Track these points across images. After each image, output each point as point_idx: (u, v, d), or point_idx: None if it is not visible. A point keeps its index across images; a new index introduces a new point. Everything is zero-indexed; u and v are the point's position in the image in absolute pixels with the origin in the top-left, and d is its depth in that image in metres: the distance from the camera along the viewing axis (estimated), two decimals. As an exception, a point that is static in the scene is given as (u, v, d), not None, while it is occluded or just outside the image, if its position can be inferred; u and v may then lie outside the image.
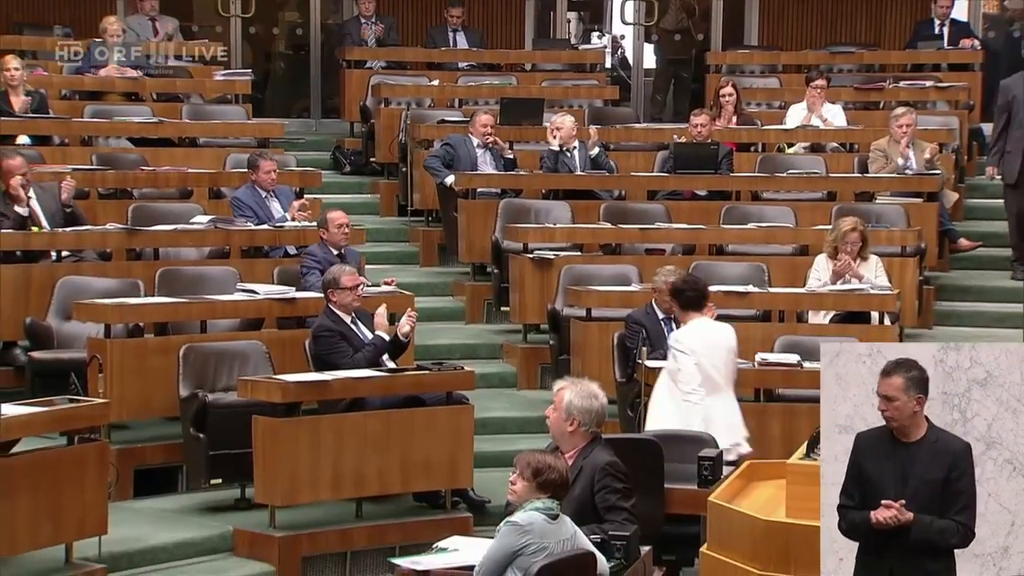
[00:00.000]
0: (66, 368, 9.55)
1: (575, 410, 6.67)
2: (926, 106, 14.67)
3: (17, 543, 7.72)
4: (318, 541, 8.79)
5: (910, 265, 11.46)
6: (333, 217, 10.57)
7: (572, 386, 6.81)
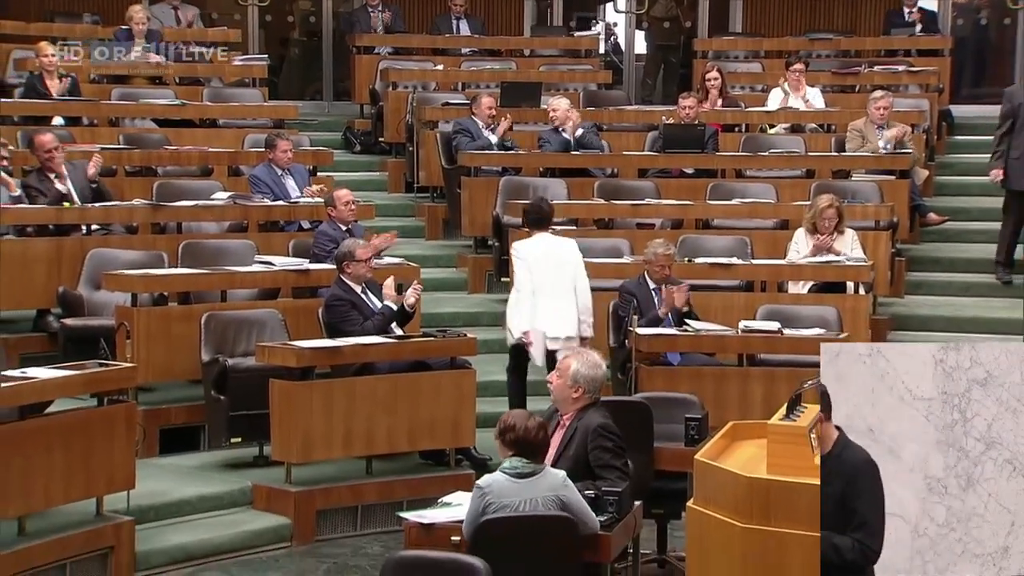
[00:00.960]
0: (96, 334, 9.57)
1: (581, 378, 6.68)
2: (898, 89, 14.65)
3: (52, 496, 7.75)
4: (331, 496, 8.83)
5: (883, 238, 11.47)
6: (340, 195, 10.57)
7: (578, 355, 6.83)
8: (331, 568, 8.30)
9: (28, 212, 10.39)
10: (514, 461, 6.05)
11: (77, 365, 8.28)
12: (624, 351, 9.43)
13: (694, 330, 9.42)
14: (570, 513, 5.99)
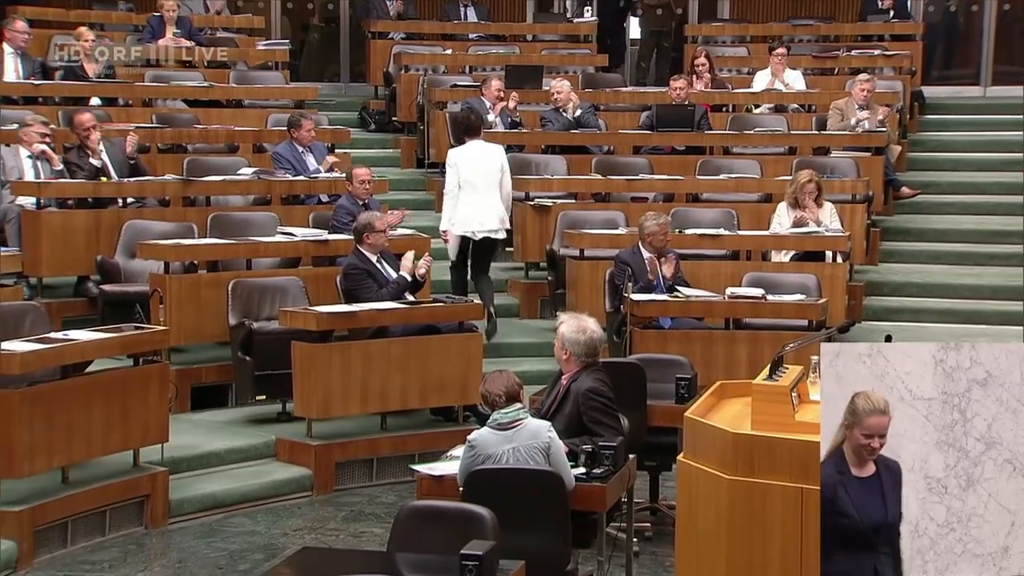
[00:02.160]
0: (132, 299, 9.58)
1: (567, 342, 6.68)
2: (873, 71, 14.61)
3: (92, 449, 7.81)
4: (348, 449, 8.87)
5: (859, 210, 11.46)
6: (358, 173, 10.57)
7: (569, 321, 6.82)
8: (348, 515, 8.32)
9: (69, 186, 10.39)
10: (496, 414, 6.06)
11: (114, 328, 8.34)
12: (619, 316, 9.44)
13: (684, 296, 9.42)
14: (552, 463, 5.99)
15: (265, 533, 8.01)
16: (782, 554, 5.61)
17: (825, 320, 9.22)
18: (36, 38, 13.28)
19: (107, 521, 7.84)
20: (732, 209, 11.37)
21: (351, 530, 8.06)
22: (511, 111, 12.69)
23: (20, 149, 10.49)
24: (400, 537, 5.45)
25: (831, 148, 12.64)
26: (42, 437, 7.43)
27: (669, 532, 6.99)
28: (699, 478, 5.86)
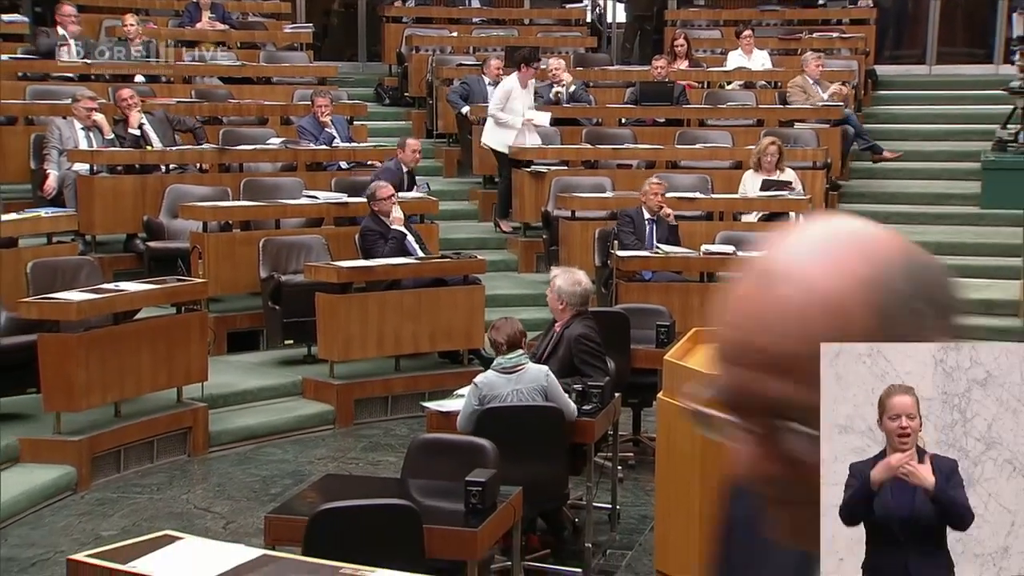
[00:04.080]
0: (174, 255, 9.68)
1: (564, 293, 6.69)
2: (833, 52, 14.55)
3: (141, 386, 7.88)
4: (366, 388, 8.89)
5: (820, 176, 11.44)
6: (411, 143, 10.63)
7: (563, 274, 6.83)
8: (366, 446, 8.36)
9: (118, 154, 10.40)
10: (501, 359, 6.08)
11: (159, 280, 8.38)
12: (607, 270, 9.45)
13: (664, 253, 9.43)
14: (552, 400, 6.03)
15: (293, 461, 8.05)
16: (749, 480, 5.65)
17: (789, 273, 9.21)
18: (88, 21, 13.22)
19: (155, 450, 7.89)
20: (707, 175, 11.36)
21: (369, 459, 8.10)
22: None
23: (74, 121, 10.47)
24: (412, 465, 5.47)
25: (794, 121, 12.61)
26: (97, 376, 7.48)
27: (650, 461, 7.03)
28: (676, 413, 5.88)
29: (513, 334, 6.12)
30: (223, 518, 7.02)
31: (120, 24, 12.72)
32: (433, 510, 4.89)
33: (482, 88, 12.72)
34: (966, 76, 15.40)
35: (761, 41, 14.41)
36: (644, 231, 9.63)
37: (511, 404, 5.96)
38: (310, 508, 4.68)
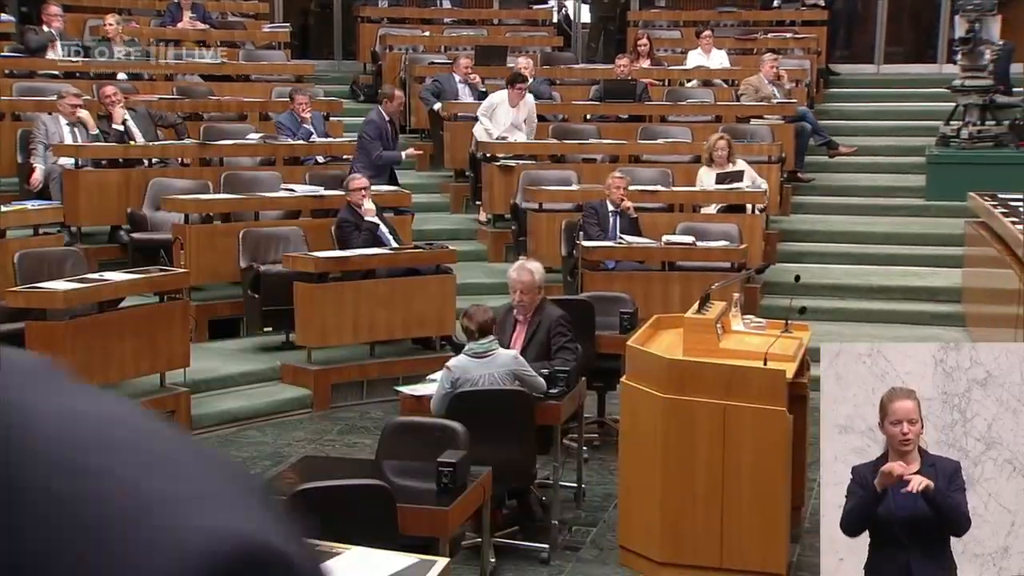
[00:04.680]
0: (157, 246, 9.62)
1: (541, 279, 6.72)
2: (787, 52, 14.59)
3: (125, 372, 7.84)
4: (343, 373, 8.86)
5: (774, 169, 11.46)
6: (398, 95, 11.18)
7: (529, 264, 6.82)
8: (343, 429, 8.34)
9: (102, 148, 10.32)
10: (473, 345, 6.07)
11: (143, 270, 8.32)
12: (573, 259, 9.44)
13: (627, 243, 9.44)
14: (522, 383, 6.03)
15: (272, 443, 8.02)
16: (707, 459, 5.66)
17: (745, 262, 9.25)
18: (73, 21, 13.12)
19: (138, 434, 7.82)
20: (668, 169, 11.36)
21: (345, 441, 8.07)
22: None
23: (60, 117, 10.39)
24: (386, 447, 5.46)
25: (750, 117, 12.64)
26: (82, 362, 7.40)
27: (613, 442, 7.04)
28: (639, 397, 5.89)
29: (485, 321, 6.11)
30: (205, 498, 6.96)
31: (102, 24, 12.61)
32: (406, 489, 4.88)
33: (453, 86, 12.70)
34: (912, 75, 15.49)
35: (719, 41, 14.45)
36: (608, 223, 9.64)
37: (482, 388, 5.95)
38: (288, 488, 4.66)
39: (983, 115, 12.41)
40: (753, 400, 5.57)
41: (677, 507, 5.73)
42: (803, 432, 6.24)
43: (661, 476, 5.75)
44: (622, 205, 9.68)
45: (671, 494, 5.74)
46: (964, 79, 12.45)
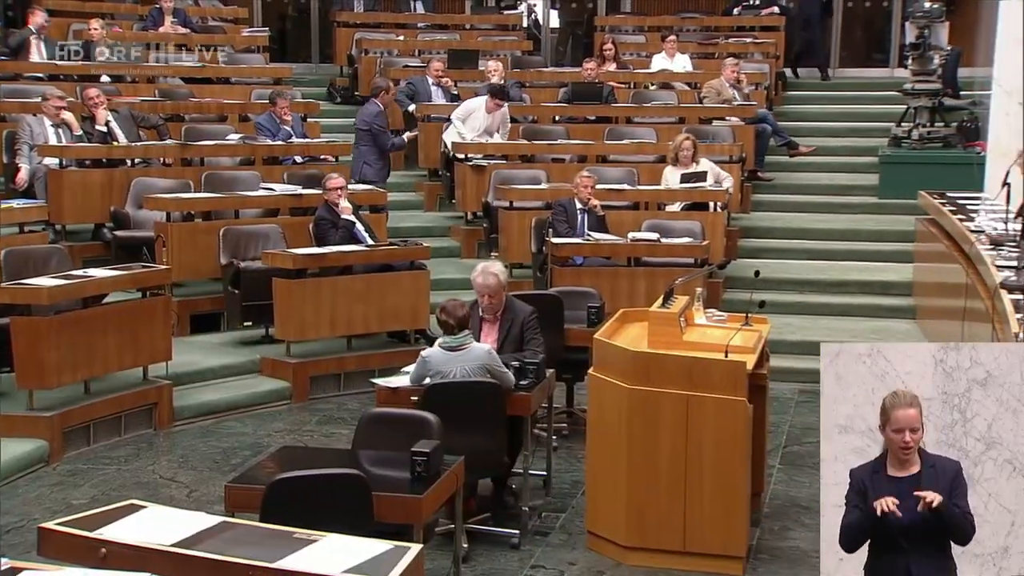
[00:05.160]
0: (140, 243, 9.59)
1: (505, 279, 6.72)
2: (746, 56, 14.63)
3: (109, 365, 7.79)
4: (320, 365, 8.83)
5: (735, 169, 11.48)
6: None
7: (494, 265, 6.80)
8: (320, 419, 8.31)
9: (86, 149, 10.24)
10: (447, 339, 6.07)
11: (126, 267, 8.28)
12: (542, 255, 9.45)
13: (595, 240, 9.44)
14: (494, 376, 6.03)
15: (252, 434, 7.99)
16: (671, 447, 5.69)
17: (708, 258, 9.27)
18: (57, 25, 13.01)
19: (122, 424, 7.81)
20: (633, 168, 11.37)
21: (323, 431, 8.05)
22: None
23: (44, 119, 10.31)
24: (362, 437, 5.45)
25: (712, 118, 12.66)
26: (67, 356, 7.40)
27: (581, 431, 7.03)
28: (606, 387, 5.91)
29: (462, 317, 6.12)
30: (187, 487, 6.95)
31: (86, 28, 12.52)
32: (381, 478, 4.87)
33: (426, 88, 12.68)
34: (865, 79, 15.57)
35: (682, 45, 14.47)
36: (576, 220, 9.65)
37: (454, 380, 5.95)
38: (267, 477, 4.65)
39: (932, 117, 12.49)
40: (715, 391, 5.60)
41: (642, 493, 5.75)
42: (763, 421, 6.28)
43: (627, 464, 5.77)
44: (590, 203, 9.69)
45: (636, 481, 5.75)
46: (914, 83, 12.53)
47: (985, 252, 7.03)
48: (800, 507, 6.63)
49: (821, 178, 13.03)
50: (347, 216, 9.21)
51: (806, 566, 5.82)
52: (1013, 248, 6.70)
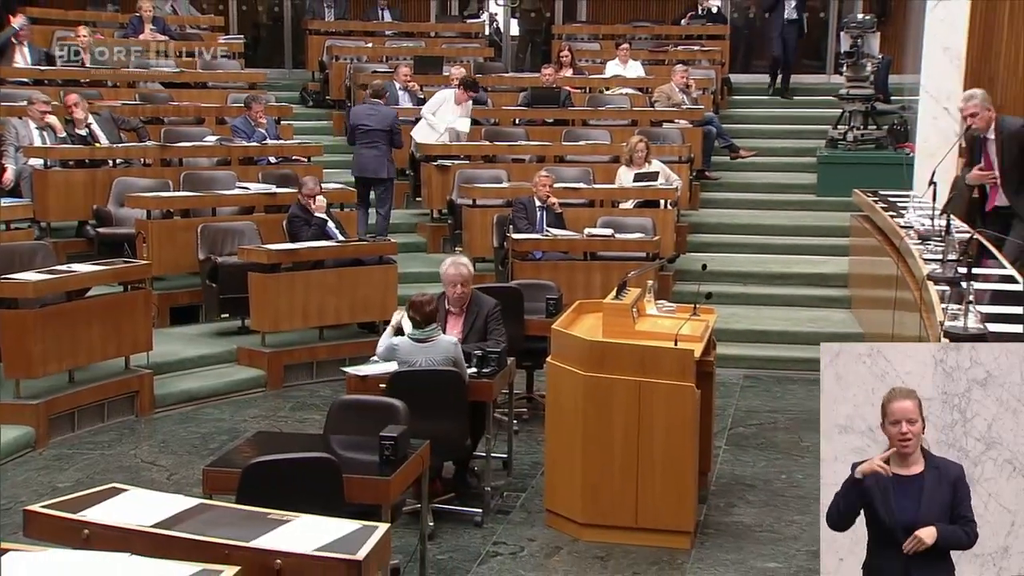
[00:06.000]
0: (121, 240, 9.50)
1: (472, 273, 6.72)
2: (694, 63, 14.67)
3: (93, 355, 7.72)
4: (294, 355, 8.78)
5: (685, 168, 11.52)
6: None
7: (462, 258, 6.81)
8: (294, 406, 8.27)
9: (69, 150, 10.15)
10: (414, 331, 6.06)
11: (108, 262, 8.20)
12: (503, 250, 9.44)
13: (553, 235, 9.44)
14: (456, 367, 6.02)
15: (229, 420, 7.94)
16: (624, 430, 5.70)
17: (659, 252, 9.30)
18: (41, 32, 12.86)
19: (105, 411, 7.74)
20: (589, 168, 11.37)
21: (296, 417, 8.01)
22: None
23: (29, 121, 10.19)
24: (334, 423, 5.43)
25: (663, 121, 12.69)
26: (52, 347, 7.33)
27: (540, 415, 7.06)
28: (563, 374, 5.91)
29: (429, 312, 6.10)
30: (167, 471, 6.89)
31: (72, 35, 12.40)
32: (352, 461, 4.84)
33: (394, 92, 12.61)
34: (804, 84, 15.65)
35: (634, 53, 14.50)
36: (535, 217, 9.65)
37: (420, 368, 5.94)
38: (243, 461, 4.61)
39: (866, 120, 12.59)
40: (665, 377, 5.62)
41: (597, 473, 5.76)
42: (709, 405, 6.31)
43: (582, 446, 5.78)
44: (548, 201, 9.69)
45: (591, 462, 5.76)
46: (849, 88, 12.62)
47: (914, 246, 7.09)
48: (744, 485, 6.67)
49: (764, 177, 13.09)
50: (320, 214, 9.18)
51: (750, 540, 5.87)
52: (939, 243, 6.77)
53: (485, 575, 5.48)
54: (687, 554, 5.64)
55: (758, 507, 6.32)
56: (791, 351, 9.32)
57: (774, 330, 9.61)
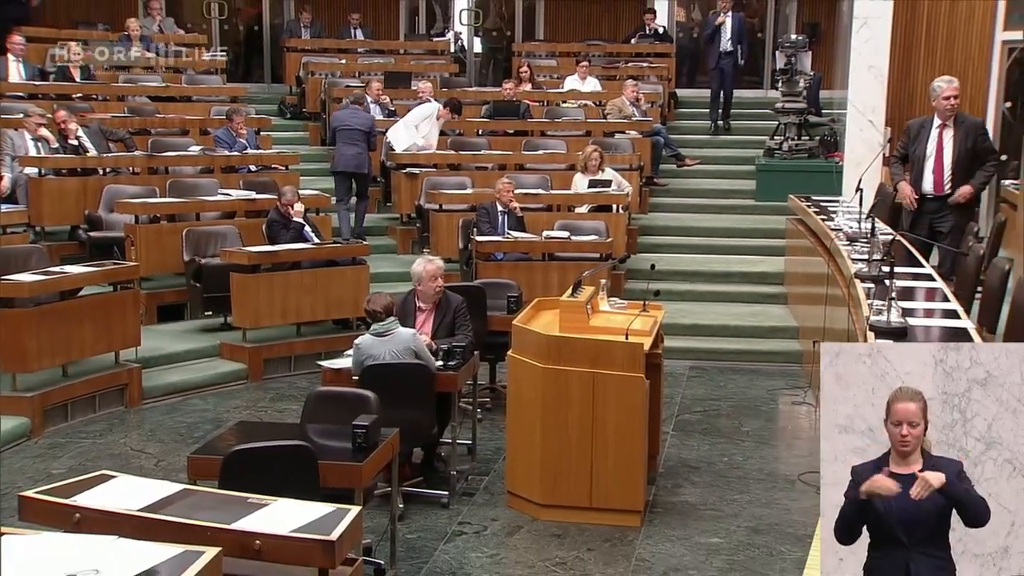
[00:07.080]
0: (111, 243, 9.43)
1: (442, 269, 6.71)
2: (644, 79, 14.72)
3: (84, 351, 7.65)
4: (273, 349, 8.73)
5: (635, 175, 11.56)
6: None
7: (434, 258, 6.80)
8: (274, 397, 8.22)
9: (62, 160, 10.06)
10: (377, 325, 6.04)
11: (99, 263, 8.13)
12: (468, 251, 9.43)
13: (514, 238, 9.44)
14: (419, 357, 6.01)
15: (213, 410, 7.88)
16: (579, 418, 5.72)
17: (611, 253, 9.33)
18: (35, 49, 12.71)
19: (97, 403, 7.66)
20: (547, 175, 11.39)
21: (276, 408, 7.97)
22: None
23: (25, 133, 10.09)
24: (310, 412, 5.41)
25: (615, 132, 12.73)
26: (47, 343, 7.25)
27: (502, 404, 7.06)
28: (523, 367, 5.92)
29: (387, 305, 6.10)
30: (155, 458, 6.84)
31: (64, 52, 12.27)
32: (327, 448, 4.83)
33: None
34: (744, 98, 15.75)
35: (590, 69, 14.53)
36: (498, 220, 9.65)
37: (389, 362, 5.93)
38: (226, 449, 4.58)
39: (799, 132, 12.69)
40: (616, 369, 5.64)
41: (555, 458, 5.77)
42: (658, 394, 6.34)
43: (541, 432, 5.79)
44: (510, 205, 9.69)
45: (549, 447, 5.77)
46: (784, 102, 12.72)
47: (842, 247, 7.16)
48: (690, 467, 6.71)
49: (707, 183, 13.17)
50: (297, 219, 9.13)
51: (694, 517, 5.90)
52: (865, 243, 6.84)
53: (451, 552, 5.47)
54: (637, 531, 5.67)
55: (702, 487, 6.36)
56: (733, 344, 9.38)
57: (717, 324, 9.67)
